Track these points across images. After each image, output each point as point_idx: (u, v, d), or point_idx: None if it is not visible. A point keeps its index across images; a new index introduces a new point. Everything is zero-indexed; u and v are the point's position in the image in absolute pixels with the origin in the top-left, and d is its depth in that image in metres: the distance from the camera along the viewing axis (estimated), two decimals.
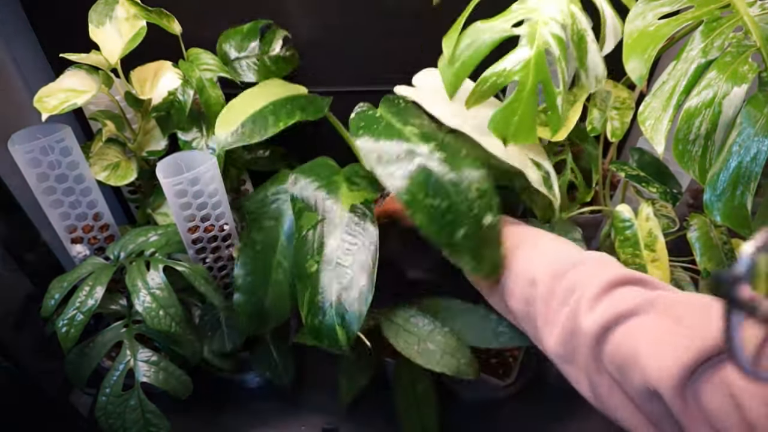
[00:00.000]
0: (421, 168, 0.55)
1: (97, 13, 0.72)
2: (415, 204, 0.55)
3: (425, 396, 0.80)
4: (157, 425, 0.73)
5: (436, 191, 0.55)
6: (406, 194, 0.54)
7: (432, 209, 0.55)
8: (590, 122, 0.68)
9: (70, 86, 0.69)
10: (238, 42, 0.82)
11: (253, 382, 0.98)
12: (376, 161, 0.56)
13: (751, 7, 0.51)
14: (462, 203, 0.55)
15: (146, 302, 0.67)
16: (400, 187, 0.55)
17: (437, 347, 0.67)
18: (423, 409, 0.81)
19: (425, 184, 0.55)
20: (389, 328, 0.69)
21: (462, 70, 0.58)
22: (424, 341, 0.67)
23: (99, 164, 0.77)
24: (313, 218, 0.64)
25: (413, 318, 0.69)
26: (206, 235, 0.77)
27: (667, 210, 0.70)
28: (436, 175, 0.55)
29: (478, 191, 0.56)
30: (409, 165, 0.56)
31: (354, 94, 0.96)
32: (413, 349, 0.66)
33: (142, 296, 0.68)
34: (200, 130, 0.78)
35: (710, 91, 0.48)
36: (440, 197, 0.55)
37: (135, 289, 0.68)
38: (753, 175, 0.46)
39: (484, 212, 0.57)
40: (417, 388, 0.80)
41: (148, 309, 0.67)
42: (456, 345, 0.67)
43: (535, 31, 0.56)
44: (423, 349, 0.66)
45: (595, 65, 0.61)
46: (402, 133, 0.59)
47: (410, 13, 0.87)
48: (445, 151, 0.57)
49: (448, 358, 0.66)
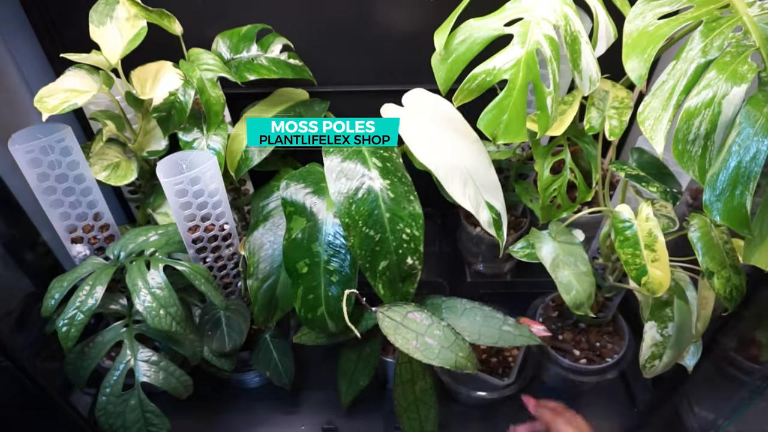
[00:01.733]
0: (368, 199, 0.65)
1: (97, 13, 0.72)
2: (354, 228, 0.64)
3: (424, 395, 0.81)
4: (157, 425, 0.73)
5: (374, 224, 0.65)
6: (346, 217, 0.64)
7: (366, 237, 0.65)
8: (588, 121, 0.68)
9: (71, 86, 0.69)
10: (234, 43, 0.82)
11: (253, 382, 0.98)
12: (335, 179, 0.65)
13: (750, 8, 0.51)
14: (393, 241, 0.66)
15: (147, 302, 0.67)
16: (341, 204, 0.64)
17: (436, 342, 0.68)
18: (422, 408, 0.81)
19: (367, 215, 0.64)
20: (387, 325, 0.70)
21: (455, 66, 0.59)
22: (423, 336, 0.68)
23: (99, 164, 0.77)
24: (302, 222, 0.69)
25: (411, 314, 0.70)
26: (206, 235, 0.77)
27: (667, 210, 0.70)
28: (379, 210, 0.65)
29: (409, 236, 0.66)
30: (359, 191, 0.65)
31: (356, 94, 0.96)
32: (412, 345, 0.67)
33: (143, 296, 0.68)
34: (201, 130, 0.78)
35: (710, 91, 0.48)
36: (375, 230, 0.65)
37: (135, 288, 0.68)
38: (752, 175, 0.46)
39: (409, 254, 0.67)
40: (416, 387, 0.80)
41: (148, 308, 0.67)
42: (454, 339, 0.68)
43: (527, 31, 0.56)
44: (421, 344, 0.67)
45: (589, 67, 0.62)
46: (366, 161, 0.67)
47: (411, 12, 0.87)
48: (395, 192, 0.66)
49: (446, 352, 0.67)
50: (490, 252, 1.00)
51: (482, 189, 0.70)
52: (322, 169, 0.75)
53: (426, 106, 0.70)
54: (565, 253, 0.73)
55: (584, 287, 0.72)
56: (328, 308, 0.71)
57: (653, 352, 0.68)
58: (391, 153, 0.69)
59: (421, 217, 0.66)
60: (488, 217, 0.70)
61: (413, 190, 0.67)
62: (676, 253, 0.69)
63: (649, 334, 0.67)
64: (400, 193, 0.66)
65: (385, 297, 0.69)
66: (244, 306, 0.85)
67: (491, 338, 0.73)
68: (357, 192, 0.65)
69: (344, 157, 0.66)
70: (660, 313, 0.68)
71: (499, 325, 0.74)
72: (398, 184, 0.66)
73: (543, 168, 0.73)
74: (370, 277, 0.67)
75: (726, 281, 0.60)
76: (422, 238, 0.66)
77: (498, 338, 0.73)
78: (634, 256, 0.63)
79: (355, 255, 0.66)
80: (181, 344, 0.76)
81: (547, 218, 0.77)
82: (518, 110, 0.57)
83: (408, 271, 0.68)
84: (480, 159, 0.71)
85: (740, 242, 0.63)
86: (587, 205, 0.76)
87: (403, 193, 0.66)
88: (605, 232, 0.76)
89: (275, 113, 0.84)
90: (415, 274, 0.69)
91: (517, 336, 0.73)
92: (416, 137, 0.66)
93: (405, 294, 0.70)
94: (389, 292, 0.69)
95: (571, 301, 0.71)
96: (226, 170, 0.78)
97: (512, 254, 0.76)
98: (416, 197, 0.67)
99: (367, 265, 0.66)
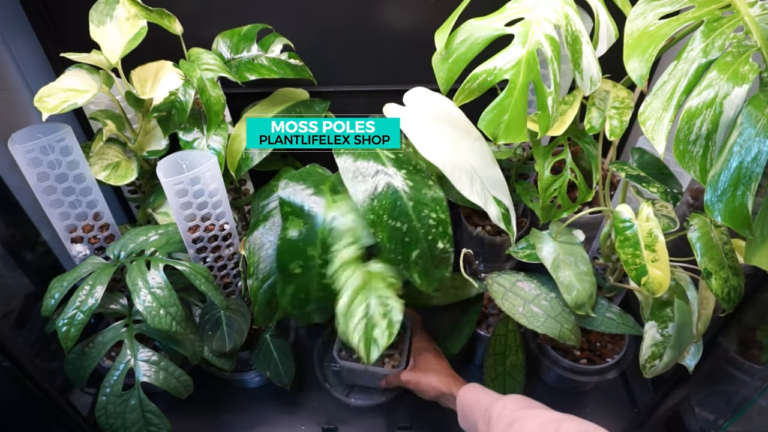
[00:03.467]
0: (389, 192, 0.64)
1: (97, 13, 0.72)
2: (380, 224, 0.63)
3: (513, 370, 0.85)
4: (158, 425, 0.73)
5: (399, 215, 0.64)
6: (371, 214, 0.63)
7: (393, 230, 0.64)
8: (588, 121, 0.68)
9: (71, 86, 0.69)
10: (234, 43, 0.82)
11: (253, 382, 0.98)
12: (351, 179, 0.64)
13: (751, 8, 0.51)
14: (420, 229, 0.64)
15: (147, 301, 0.67)
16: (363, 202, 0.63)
17: (542, 311, 0.71)
18: (509, 382, 0.85)
19: (391, 208, 0.63)
20: (496, 290, 0.74)
21: (455, 65, 0.59)
22: (529, 304, 0.71)
23: (99, 164, 0.77)
24: (298, 223, 0.68)
25: (519, 282, 0.74)
26: (207, 235, 0.77)
27: (668, 210, 0.70)
28: (401, 201, 0.64)
29: (435, 220, 0.65)
30: (378, 187, 0.64)
31: (356, 94, 0.96)
32: (518, 311, 0.70)
33: (143, 295, 0.67)
34: (201, 130, 0.78)
35: (711, 92, 0.48)
36: (401, 221, 0.64)
37: (135, 288, 0.68)
38: (754, 176, 0.46)
39: (438, 239, 0.65)
40: (507, 361, 0.84)
41: (148, 308, 0.67)
42: (560, 311, 0.71)
43: (528, 31, 0.56)
44: (527, 311, 0.70)
45: (590, 67, 0.62)
46: (378, 156, 0.66)
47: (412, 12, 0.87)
48: (413, 180, 0.65)
49: (551, 321, 0.70)
50: (490, 252, 1.00)
51: (488, 185, 0.70)
52: (322, 170, 0.75)
53: (428, 105, 0.70)
54: (565, 253, 0.73)
55: (585, 287, 0.72)
56: (319, 305, 0.71)
57: (653, 351, 0.67)
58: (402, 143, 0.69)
59: (444, 200, 0.65)
60: (497, 211, 0.70)
61: (429, 175, 0.66)
62: (677, 253, 0.69)
63: (650, 334, 0.67)
64: (417, 180, 0.65)
65: (422, 285, 0.67)
66: (245, 306, 0.85)
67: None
68: (376, 187, 0.64)
69: (356, 156, 0.66)
70: (660, 313, 0.68)
71: (602, 311, 0.75)
72: (414, 173, 0.66)
73: (543, 168, 0.73)
74: (404, 269, 0.65)
75: (724, 282, 0.60)
76: (449, 221, 0.65)
77: (599, 323, 0.74)
78: (635, 256, 0.63)
79: (386, 250, 0.64)
80: (181, 344, 0.76)
81: (547, 218, 0.77)
82: (519, 110, 0.57)
83: (440, 255, 0.66)
84: (484, 156, 0.71)
85: (740, 243, 0.63)
86: (588, 205, 0.76)
87: (421, 180, 0.65)
88: (605, 233, 0.75)
89: (275, 113, 0.84)
90: (448, 258, 0.67)
91: (620, 324, 0.75)
92: (421, 136, 0.66)
93: (441, 278, 0.69)
94: (425, 281, 0.67)
95: (573, 301, 0.71)
96: (227, 170, 0.78)
97: (513, 255, 0.76)
98: (435, 181, 0.66)
99: (399, 257, 0.65)
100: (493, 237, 0.95)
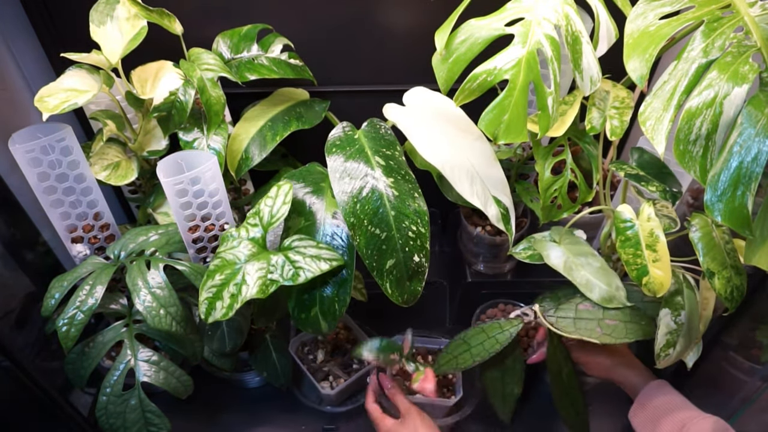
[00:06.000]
0: (373, 198, 0.64)
1: (98, 13, 0.72)
2: (359, 228, 0.63)
3: (570, 380, 0.82)
4: (158, 425, 0.73)
5: (380, 222, 0.64)
6: (351, 217, 0.63)
7: (372, 236, 0.64)
8: (589, 121, 0.68)
9: (71, 86, 0.69)
10: (234, 43, 0.81)
11: (254, 382, 0.98)
12: (338, 179, 0.64)
13: (751, 8, 0.51)
14: (399, 239, 0.65)
15: (147, 301, 0.67)
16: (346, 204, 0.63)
17: (617, 321, 0.68)
18: (572, 394, 0.83)
19: (372, 214, 0.64)
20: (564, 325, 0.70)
21: (455, 65, 0.59)
22: (603, 320, 0.69)
23: (99, 164, 0.77)
24: (300, 221, 0.69)
25: (580, 305, 0.71)
26: (207, 235, 0.77)
27: (668, 210, 0.70)
28: (384, 208, 0.64)
29: (415, 233, 0.65)
30: (363, 191, 0.64)
31: (356, 94, 0.96)
32: (597, 332, 0.68)
33: (143, 295, 0.67)
34: (201, 130, 0.78)
35: (711, 92, 0.48)
36: (381, 228, 0.64)
37: (136, 288, 0.68)
38: (754, 176, 0.46)
39: (415, 252, 0.66)
40: (563, 374, 0.82)
41: (148, 308, 0.67)
42: (631, 312, 0.68)
43: (528, 31, 0.56)
44: (604, 327, 0.68)
45: (590, 67, 0.62)
46: (369, 160, 0.66)
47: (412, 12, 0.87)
48: (399, 189, 0.65)
49: (631, 325, 0.68)
50: (490, 252, 1.00)
51: (489, 185, 0.70)
52: (322, 168, 0.75)
53: (427, 105, 0.70)
54: (574, 255, 0.72)
55: (607, 281, 0.71)
56: (322, 308, 0.71)
57: (668, 340, 0.66)
58: (393, 151, 0.69)
59: (427, 214, 0.66)
60: (496, 212, 0.70)
61: (417, 187, 0.67)
62: (677, 253, 0.69)
63: (664, 322, 0.66)
64: (404, 190, 0.65)
65: (393, 296, 0.67)
66: (245, 306, 0.85)
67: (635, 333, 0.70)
68: (361, 191, 0.64)
69: (347, 156, 0.66)
70: (673, 301, 0.66)
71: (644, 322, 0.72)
72: (402, 182, 0.66)
73: (544, 168, 0.73)
74: (377, 277, 0.66)
75: (727, 281, 0.60)
76: (428, 236, 0.66)
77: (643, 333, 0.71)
78: (636, 256, 0.63)
79: (362, 255, 0.64)
80: (181, 344, 0.76)
81: (547, 219, 0.77)
82: (519, 110, 0.57)
83: (415, 268, 0.67)
84: (484, 155, 0.71)
85: (741, 243, 0.63)
86: (588, 205, 0.76)
87: (408, 191, 0.66)
88: (606, 232, 0.75)
89: (275, 113, 0.83)
90: (423, 272, 0.68)
91: None
92: (420, 136, 0.66)
93: (413, 292, 0.69)
94: (397, 291, 0.67)
95: (599, 297, 0.71)
96: (227, 170, 0.78)
97: (514, 255, 0.76)
98: (420, 194, 0.66)
99: (374, 264, 0.65)
100: (493, 237, 0.95)
